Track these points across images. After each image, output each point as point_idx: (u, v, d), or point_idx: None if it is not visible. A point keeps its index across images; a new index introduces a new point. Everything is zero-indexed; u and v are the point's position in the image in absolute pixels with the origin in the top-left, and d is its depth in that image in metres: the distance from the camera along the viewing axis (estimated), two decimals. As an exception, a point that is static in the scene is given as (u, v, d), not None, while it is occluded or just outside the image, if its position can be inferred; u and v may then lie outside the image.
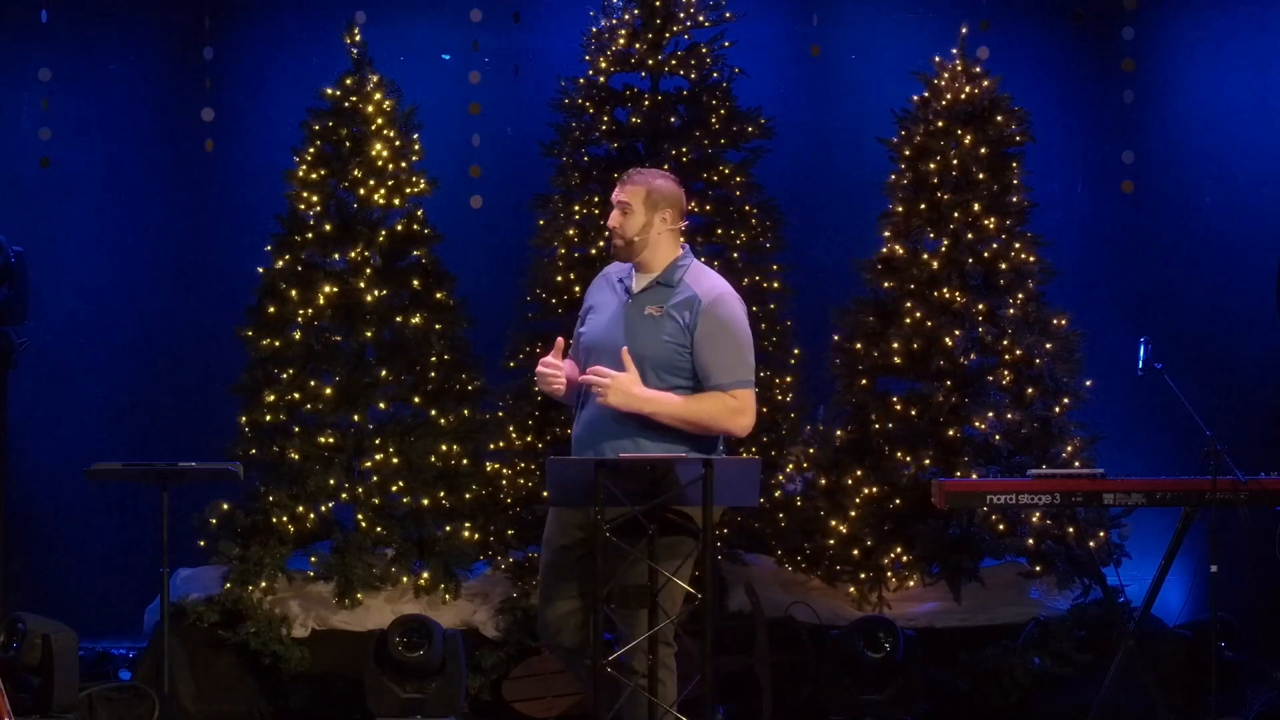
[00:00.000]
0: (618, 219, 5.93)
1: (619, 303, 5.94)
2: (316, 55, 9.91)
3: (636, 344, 5.83)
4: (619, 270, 6.05)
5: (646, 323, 5.86)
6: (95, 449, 9.02)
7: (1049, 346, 8.75)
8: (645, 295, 5.92)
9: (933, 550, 8.68)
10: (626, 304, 5.91)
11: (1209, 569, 7.11)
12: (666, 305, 5.87)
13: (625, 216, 5.92)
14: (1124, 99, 10.05)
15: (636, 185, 5.95)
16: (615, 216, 5.95)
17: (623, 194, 5.95)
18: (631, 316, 5.89)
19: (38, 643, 8.12)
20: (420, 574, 8.72)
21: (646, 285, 5.94)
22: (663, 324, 5.85)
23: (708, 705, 5.68)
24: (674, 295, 5.90)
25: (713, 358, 5.85)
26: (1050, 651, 8.40)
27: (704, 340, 5.85)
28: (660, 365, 5.83)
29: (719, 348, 5.86)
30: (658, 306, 5.87)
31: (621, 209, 5.93)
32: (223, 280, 9.78)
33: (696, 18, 9.17)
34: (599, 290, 6.07)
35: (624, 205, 5.93)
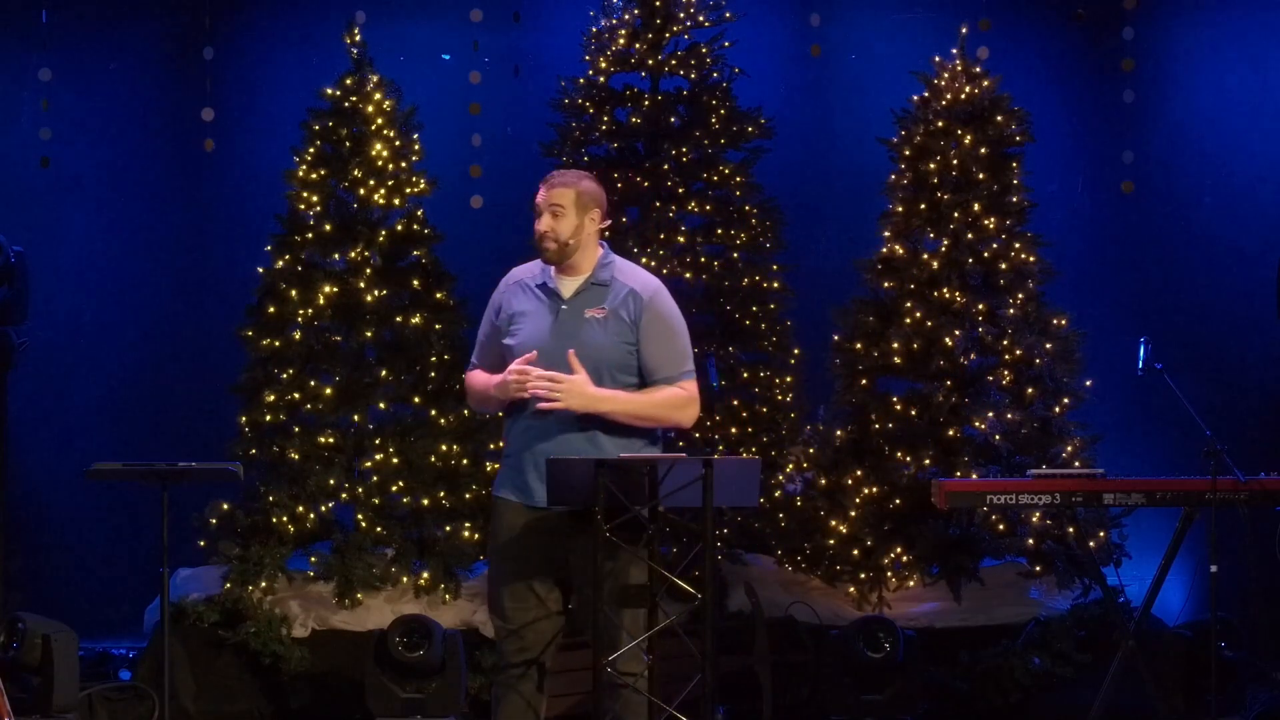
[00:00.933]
0: (550, 222, 5.81)
1: (551, 308, 5.82)
2: (316, 55, 9.91)
3: (588, 348, 5.75)
4: (528, 275, 5.92)
5: (592, 326, 5.77)
6: (95, 449, 9.02)
7: (1049, 346, 8.75)
8: (581, 298, 5.82)
9: (933, 550, 8.68)
10: (562, 310, 5.80)
11: (1209, 569, 7.10)
12: (607, 305, 5.81)
13: (557, 219, 5.84)
14: (1124, 99, 10.05)
15: (565, 187, 5.88)
16: (547, 220, 5.82)
17: (552, 196, 5.86)
18: (572, 321, 5.78)
19: (38, 643, 8.12)
20: (420, 574, 8.72)
21: (579, 288, 5.85)
22: (609, 325, 5.78)
23: (708, 705, 5.67)
24: (610, 294, 5.82)
25: (659, 351, 5.82)
26: (1050, 651, 8.39)
27: (649, 334, 5.81)
28: (615, 366, 5.78)
29: (664, 340, 5.83)
30: (599, 308, 5.80)
31: (553, 212, 5.84)
32: (223, 280, 9.78)
33: (696, 18, 9.17)
34: (517, 297, 5.88)
35: (555, 208, 5.84)
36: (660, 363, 5.82)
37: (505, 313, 5.89)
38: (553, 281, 5.86)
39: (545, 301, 5.84)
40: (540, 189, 5.91)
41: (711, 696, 5.67)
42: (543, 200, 5.88)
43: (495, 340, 5.90)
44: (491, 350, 5.92)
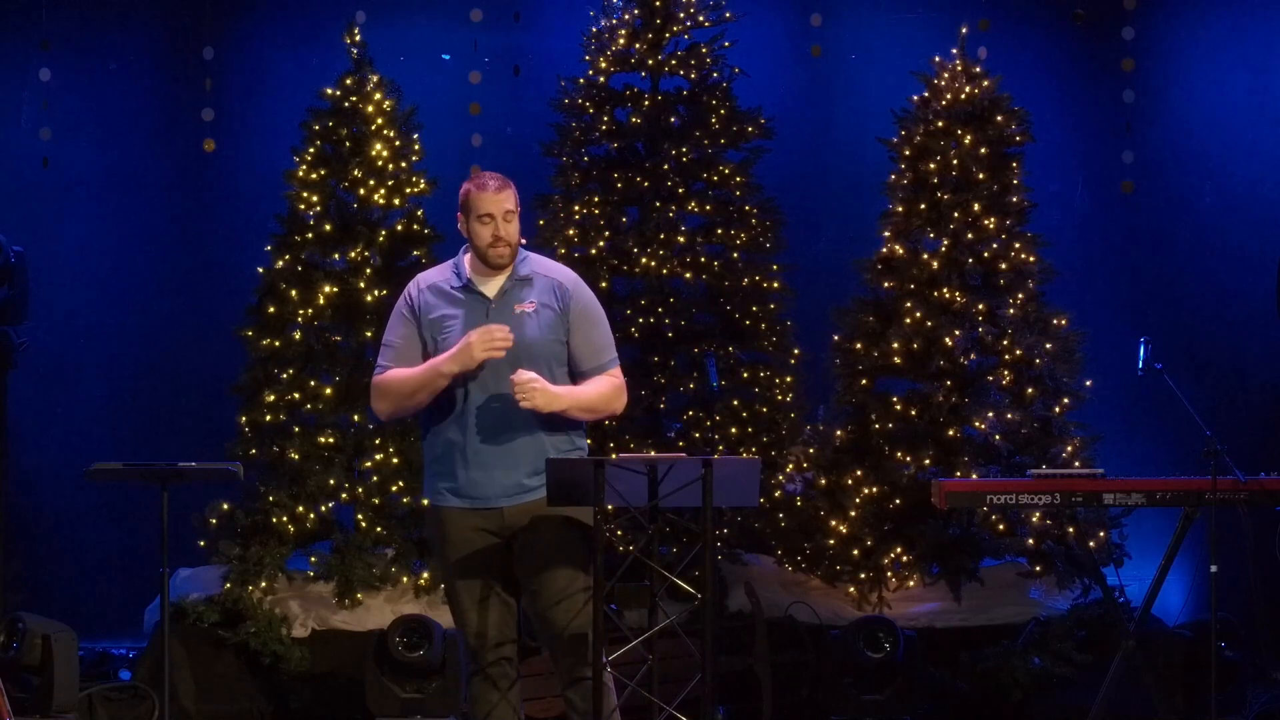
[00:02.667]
0: (507, 228, 5.80)
1: (480, 308, 5.76)
2: (316, 55, 9.91)
3: (527, 344, 5.69)
4: (439, 279, 5.86)
5: (524, 321, 5.73)
6: (95, 449, 9.01)
7: (1049, 346, 8.75)
8: (506, 295, 5.77)
9: (933, 550, 8.68)
10: (491, 308, 5.74)
11: (1209, 569, 7.10)
12: (535, 299, 5.77)
13: (510, 224, 5.83)
14: (1124, 99, 10.05)
15: (511, 189, 5.86)
16: (511, 228, 5.80)
17: (505, 201, 5.82)
18: (504, 318, 5.72)
19: (38, 643, 8.12)
20: (420, 574, 8.72)
21: (503, 285, 5.79)
22: (540, 318, 5.75)
23: (708, 705, 5.67)
24: (532, 288, 5.79)
25: (589, 340, 5.80)
26: (1050, 651, 8.39)
27: (579, 324, 5.79)
28: (553, 359, 5.74)
29: (593, 329, 5.82)
30: (528, 303, 5.76)
31: (506, 217, 5.82)
32: (223, 280, 9.78)
33: (696, 18, 9.17)
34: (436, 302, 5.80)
35: (509, 213, 5.83)
36: (590, 351, 5.79)
37: (428, 314, 5.78)
38: (473, 282, 5.81)
39: (470, 302, 5.78)
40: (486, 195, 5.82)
41: (711, 696, 5.67)
42: (497, 207, 5.80)
43: (414, 343, 5.78)
44: (409, 354, 5.78)
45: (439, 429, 5.76)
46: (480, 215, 5.83)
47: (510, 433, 5.69)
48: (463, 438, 5.70)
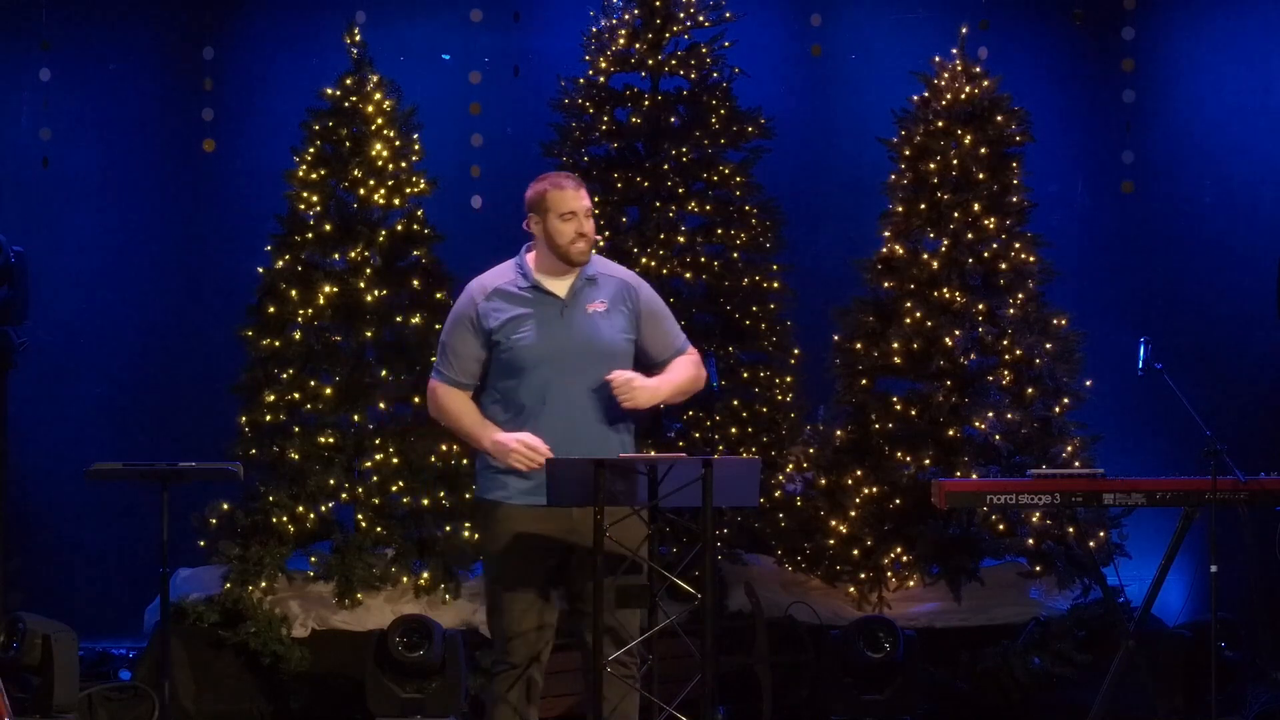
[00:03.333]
0: (591, 227, 5.84)
1: (553, 308, 5.78)
2: (316, 55, 9.91)
3: (601, 342, 5.75)
4: (504, 281, 5.87)
5: (598, 320, 5.77)
6: (95, 449, 9.01)
7: (1049, 346, 8.75)
8: (578, 295, 5.80)
9: (933, 550, 8.68)
10: (565, 308, 5.78)
11: (1209, 569, 7.10)
12: (605, 299, 5.81)
13: (590, 222, 5.87)
14: (1124, 99, 10.05)
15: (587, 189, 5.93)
16: (590, 225, 5.84)
17: (588, 200, 5.87)
18: (578, 318, 5.77)
19: (38, 643, 8.12)
20: (420, 574, 8.72)
21: (573, 285, 5.83)
22: (612, 318, 5.80)
23: (708, 705, 5.67)
24: (599, 288, 5.83)
25: (664, 330, 5.90)
26: (1050, 651, 8.39)
27: (650, 321, 5.87)
28: (625, 358, 5.80)
29: (663, 321, 5.91)
30: (599, 302, 5.81)
31: (588, 215, 5.85)
32: (223, 280, 9.78)
33: (696, 18, 9.17)
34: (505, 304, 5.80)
35: (590, 211, 5.87)
36: (665, 343, 5.89)
37: (494, 320, 5.79)
38: (531, 280, 5.83)
39: (542, 302, 5.80)
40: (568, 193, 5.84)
41: (711, 696, 5.66)
42: (579, 204, 5.82)
43: (474, 351, 5.79)
44: (469, 362, 5.80)
45: (508, 428, 5.75)
46: (563, 213, 5.83)
47: (582, 433, 5.72)
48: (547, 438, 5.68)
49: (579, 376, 5.72)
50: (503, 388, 5.78)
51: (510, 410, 5.75)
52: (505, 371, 5.77)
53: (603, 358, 5.74)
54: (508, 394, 5.77)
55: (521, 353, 5.74)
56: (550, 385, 5.72)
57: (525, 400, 5.74)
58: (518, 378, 5.75)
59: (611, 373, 5.69)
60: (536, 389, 5.73)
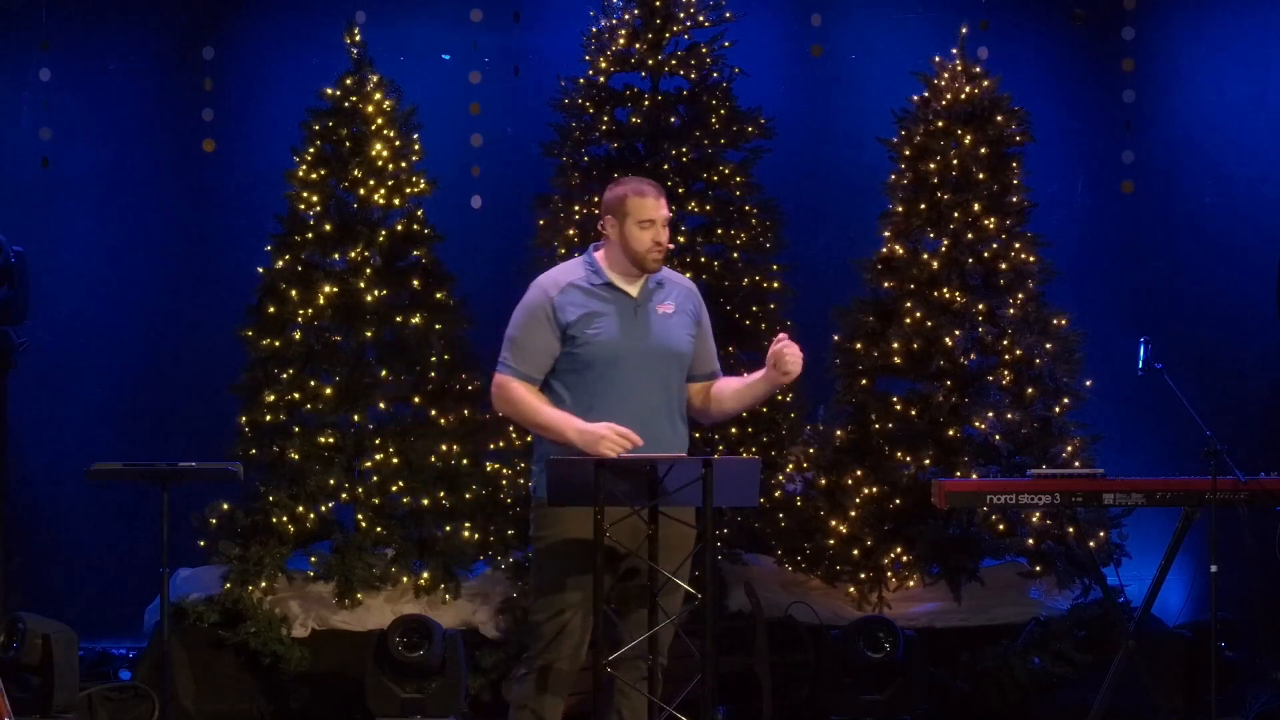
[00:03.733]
0: (666, 236, 5.84)
1: (626, 307, 5.81)
2: (316, 55, 9.91)
3: (671, 343, 5.82)
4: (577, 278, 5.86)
5: (667, 321, 5.83)
6: (95, 449, 9.01)
7: (1049, 346, 8.75)
8: (648, 297, 5.85)
9: (933, 550, 8.68)
10: (638, 308, 5.81)
11: (1209, 569, 7.10)
12: (672, 302, 5.87)
13: (667, 232, 5.86)
14: (1124, 99, 10.05)
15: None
16: (666, 234, 5.83)
17: (667, 210, 5.86)
18: (650, 318, 5.82)
19: (38, 643, 8.12)
20: (420, 574, 8.72)
21: (643, 287, 5.87)
22: (681, 320, 5.86)
23: (708, 705, 5.67)
24: (665, 291, 5.89)
25: (711, 345, 6.01)
26: (1050, 651, 8.39)
27: (705, 330, 5.97)
28: (684, 363, 5.87)
29: (710, 336, 6.02)
30: (668, 304, 5.86)
31: (666, 225, 5.84)
32: (223, 280, 9.78)
33: (696, 18, 9.17)
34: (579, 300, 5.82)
35: (668, 221, 5.86)
36: (709, 356, 5.99)
37: (570, 315, 5.79)
38: (604, 279, 5.85)
39: (617, 300, 5.83)
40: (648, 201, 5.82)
41: (711, 696, 5.66)
42: (659, 214, 5.81)
43: (548, 345, 5.79)
44: (542, 356, 5.80)
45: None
46: (642, 220, 5.82)
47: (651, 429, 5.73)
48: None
49: (650, 374, 5.77)
50: (571, 382, 5.80)
51: (579, 405, 5.76)
52: (576, 366, 5.79)
53: (673, 358, 5.82)
54: (577, 389, 5.78)
55: (597, 348, 5.76)
56: (622, 381, 5.75)
57: (597, 395, 5.75)
58: (589, 373, 5.77)
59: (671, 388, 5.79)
60: (609, 385, 5.75)
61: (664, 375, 5.81)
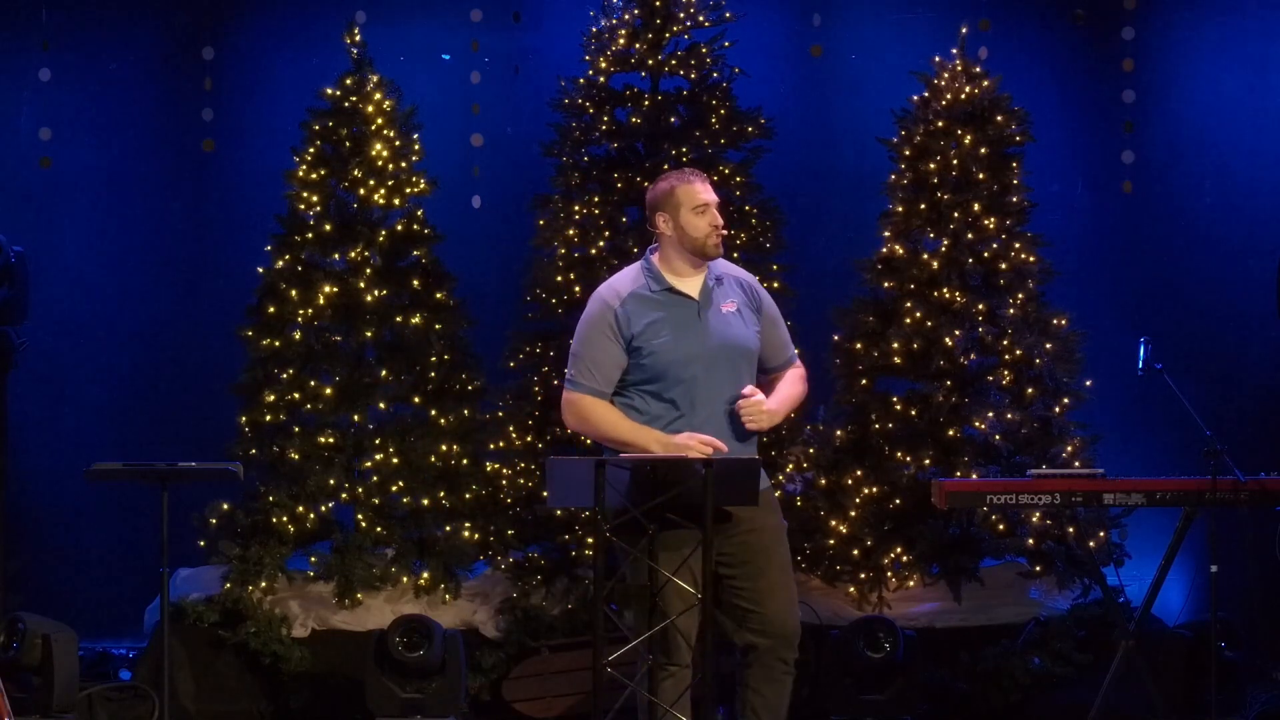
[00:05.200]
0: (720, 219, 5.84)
1: (689, 310, 5.78)
2: (316, 55, 9.91)
3: (738, 343, 5.81)
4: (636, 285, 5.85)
5: (732, 320, 5.81)
6: (95, 449, 9.01)
7: (1049, 346, 8.75)
8: (709, 296, 5.82)
9: (933, 550, 8.68)
10: (700, 309, 5.79)
11: (1209, 569, 7.10)
12: (734, 299, 5.85)
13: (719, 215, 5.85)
14: (1124, 99, 10.05)
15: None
16: (718, 215, 5.84)
17: (713, 192, 5.86)
18: (715, 320, 5.79)
19: (38, 643, 8.12)
20: (420, 574, 8.72)
21: (702, 287, 5.84)
22: (744, 318, 5.84)
23: (708, 705, 5.67)
24: (725, 288, 5.86)
25: (781, 336, 5.99)
26: (1050, 651, 8.40)
27: (771, 321, 5.95)
28: (753, 358, 5.87)
29: (780, 325, 6.00)
30: (730, 302, 5.84)
31: (718, 208, 5.85)
32: (223, 280, 9.78)
33: (696, 18, 9.17)
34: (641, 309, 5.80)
35: (718, 203, 5.87)
36: (780, 347, 5.97)
37: (635, 326, 5.77)
38: (661, 283, 5.83)
39: (677, 305, 5.80)
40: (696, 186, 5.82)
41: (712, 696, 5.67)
42: (710, 197, 5.82)
43: (616, 358, 5.78)
44: (611, 369, 5.79)
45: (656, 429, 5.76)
46: (695, 206, 5.82)
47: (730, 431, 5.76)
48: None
49: (722, 376, 5.77)
50: (647, 392, 5.79)
51: (664, 416, 5.74)
52: (647, 376, 5.77)
53: (741, 356, 5.81)
54: (652, 398, 5.77)
55: (666, 356, 5.74)
56: (697, 386, 5.75)
57: (674, 403, 5.75)
58: (662, 382, 5.76)
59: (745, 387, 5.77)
60: (685, 391, 5.74)
61: (736, 374, 5.79)
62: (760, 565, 5.77)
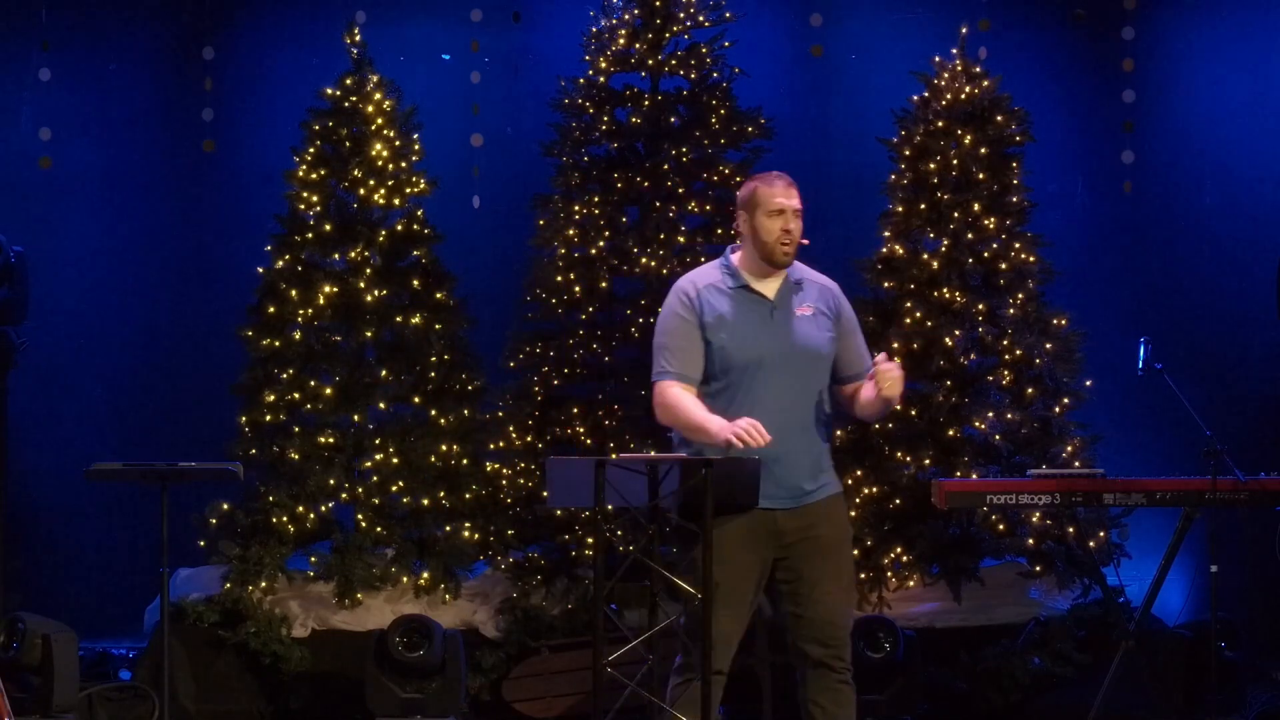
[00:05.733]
0: (798, 228, 5.78)
1: (764, 309, 5.75)
2: (316, 55, 9.91)
3: (810, 346, 5.74)
4: (714, 280, 5.81)
5: (807, 324, 5.75)
6: (95, 449, 9.02)
7: (1049, 346, 8.75)
8: (785, 298, 5.77)
9: (933, 550, 8.68)
10: (775, 311, 5.74)
11: (1209, 569, 7.10)
12: (811, 303, 5.80)
13: (798, 224, 5.79)
14: (1124, 99, 10.05)
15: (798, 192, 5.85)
16: (798, 226, 5.78)
17: (798, 202, 5.80)
18: (788, 321, 5.74)
19: (38, 643, 8.12)
20: (420, 574, 8.72)
21: (780, 288, 5.80)
22: (819, 322, 5.78)
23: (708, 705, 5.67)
24: (804, 292, 5.82)
25: (859, 345, 5.90)
26: (1050, 651, 8.40)
27: (848, 330, 5.87)
28: (825, 364, 5.80)
29: (858, 335, 5.92)
30: (806, 306, 5.79)
31: (797, 215, 5.79)
32: (223, 280, 9.78)
33: (696, 18, 9.17)
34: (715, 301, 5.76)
35: (799, 213, 5.80)
36: (858, 356, 5.89)
37: (708, 315, 5.73)
38: (738, 281, 5.79)
39: (751, 302, 5.76)
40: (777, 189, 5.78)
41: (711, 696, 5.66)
42: (788, 202, 5.76)
43: (697, 344, 5.72)
44: (695, 356, 5.73)
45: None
46: (770, 210, 5.77)
47: (797, 439, 5.69)
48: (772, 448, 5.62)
49: (789, 379, 5.69)
50: (713, 389, 5.73)
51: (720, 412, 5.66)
52: (715, 371, 5.72)
53: (812, 361, 5.73)
54: (717, 395, 5.72)
55: (734, 352, 5.69)
56: (761, 386, 5.68)
57: (738, 402, 5.68)
58: (727, 378, 5.71)
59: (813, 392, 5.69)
60: (748, 390, 5.69)
61: (804, 378, 5.73)
62: (815, 574, 5.71)
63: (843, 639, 5.75)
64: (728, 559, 5.66)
